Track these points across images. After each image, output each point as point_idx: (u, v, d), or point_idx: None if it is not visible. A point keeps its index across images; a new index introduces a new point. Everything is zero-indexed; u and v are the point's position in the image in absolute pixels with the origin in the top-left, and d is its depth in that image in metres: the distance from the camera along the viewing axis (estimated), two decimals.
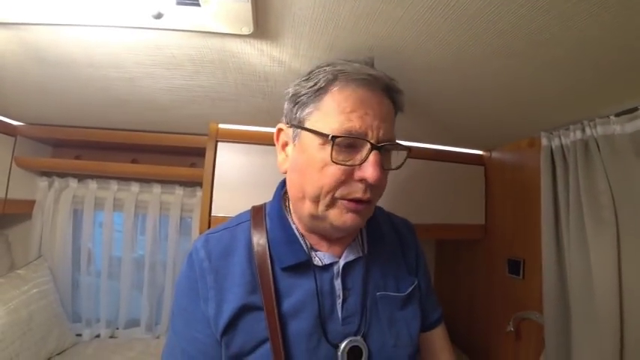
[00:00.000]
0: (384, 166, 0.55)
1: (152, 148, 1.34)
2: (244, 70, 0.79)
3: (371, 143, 0.52)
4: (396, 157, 0.60)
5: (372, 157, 0.52)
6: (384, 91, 0.57)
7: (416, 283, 0.69)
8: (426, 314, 0.72)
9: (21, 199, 1.23)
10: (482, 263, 1.34)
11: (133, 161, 1.35)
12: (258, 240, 0.60)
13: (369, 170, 0.52)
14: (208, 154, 1.12)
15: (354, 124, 0.52)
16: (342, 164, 0.52)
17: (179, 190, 1.37)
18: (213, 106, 1.02)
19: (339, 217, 0.55)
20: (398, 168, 0.59)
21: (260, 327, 0.54)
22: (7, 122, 1.16)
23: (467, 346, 1.35)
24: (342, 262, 0.61)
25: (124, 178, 1.35)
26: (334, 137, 0.51)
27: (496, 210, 1.29)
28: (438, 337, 0.76)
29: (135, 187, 1.34)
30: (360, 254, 0.64)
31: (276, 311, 0.54)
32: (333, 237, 0.62)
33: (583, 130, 0.92)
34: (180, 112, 1.07)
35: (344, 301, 0.60)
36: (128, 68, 0.81)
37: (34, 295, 1.09)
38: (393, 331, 0.62)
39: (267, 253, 0.59)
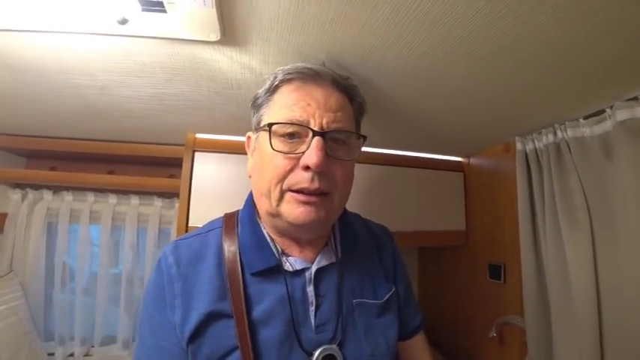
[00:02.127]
0: (336, 156, 0.55)
1: (130, 159, 1.32)
2: (216, 78, 0.78)
3: (313, 130, 0.53)
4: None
5: (313, 142, 0.52)
6: (334, 85, 0.59)
7: (393, 290, 0.68)
8: (406, 322, 0.71)
9: None
10: (463, 269, 1.34)
11: (110, 172, 1.33)
12: (229, 246, 0.59)
13: (310, 155, 0.52)
14: (185, 164, 1.11)
15: (295, 113, 0.54)
16: (282, 152, 0.53)
17: (157, 202, 1.34)
18: (188, 115, 1.01)
19: (291, 211, 0.54)
20: (354, 158, 0.59)
21: (229, 334, 0.53)
22: None
23: (451, 353, 1.33)
24: (314, 268, 0.60)
25: (101, 190, 1.32)
26: (270, 124, 0.53)
27: (476, 216, 1.30)
28: (418, 344, 0.75)
29: (112, 199, 1.31)
30: (334, 260, 0.63)
31: (245, 318, 0.53)
32: (302, 239, 0.61)
33: (555, 134, 0.94)
34: (156, 121, 1.06)
35: (317, 308, 0.59)
36: (99, 76, 0.80)
37: (3, 312, 1.04)
38: (370, 340, 0.60)
39: (238, 259, 0.58)
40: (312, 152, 0.52)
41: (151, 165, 1.37)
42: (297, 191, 0.53)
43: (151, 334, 0.56)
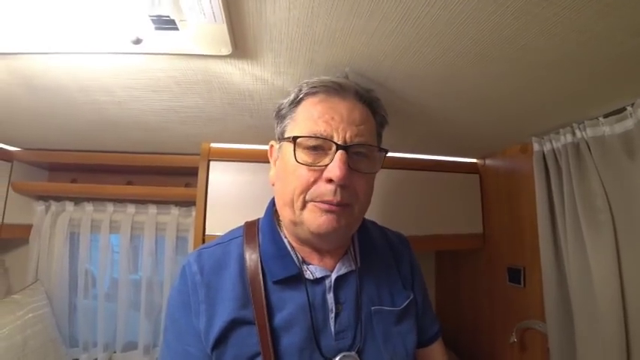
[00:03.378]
0: (358, 169, 0.56)
1: (147, 170, 1.36)
2: (229, 89, 0.80)
3: (336, 144, 0.54)
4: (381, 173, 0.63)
5: (337, 156, 0.53)
6: (357, 98, 0.60)
7: (412, 297, 0.68)
8: (424, 329, 0.71)
9: (18, 224, 1.25)
10: (482, 273, 1.31)
11: (129, 183, 1.37)
12: (251, 255, 0.61)
13: (334, 169, 0.53)
14: (201, 174, 1.13)
15: (319, 127, 0.55)
16: (306, 165, 0.54)
17: (175, 210, 1.37)
18: (202, 126, 1.03)
19: (314, 220, 0.55)
20: (376, 171, 0.61)
21: (251, 341, 0.54)
22: (3, 148, 1.19)
23: (471, 358, 1.31)
24: (334, 276, 0.61)
25: (120, 200, 1.36)
26: (295, 137, 0.55)
27: (493, 218, 1.27)
28: (437, 352, 0.75)
29: (131, 209, 1.35)
30: (353, 267, 0.64)
31: (267, 325, 0.54)
32: (322, 248, 0.62)
33: (573, 133, 0.92)
34: (172, 132, 1.09)
35: (337, 315, 0.59)
36: (116, 92, 0.82)
37: (30, 319, 1.09)
38: (389, 347, 0.61)
39: (259, 267, 0.59)
40: (335, 166, 0.53)
41: (167, 175, 1.40)
42: (320, 202, 0.55)
43: (177, 339, 0.58)
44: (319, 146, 0.55)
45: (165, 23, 0.58)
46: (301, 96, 0.60)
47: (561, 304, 0.94)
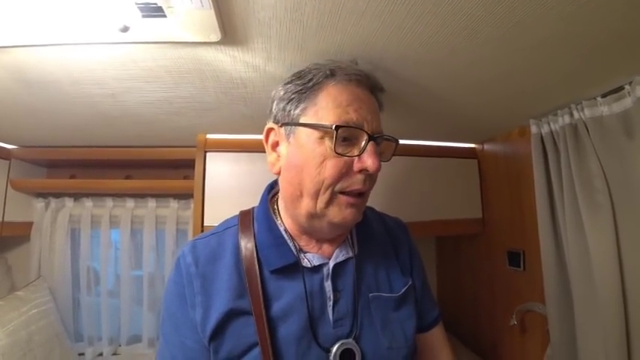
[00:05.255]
0: (381, 159, 0.56)
1: (145, 164, 1.36)
2: (221, 78, 0.79)
3: (368, 134, 0.54)
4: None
5: (370, 147, 0.53)
6: (370, 89, 0.60)
7: (410, 283, 0.68)
8: (423, 315, 0.71)
9: (18, 222, 1.25)
10: (482, 257, 1.31)
11: (127, 177, 1.37)
12: (246, 244, 0.60)
13: (369, 160, 0.53)
14: (198, 165, 1.13)
15: (352, 116, 0.54)
16: (343, 156, 0.53)
17: (174, 203, 1.38)
18: (197, 117, 1.03)
19: (339, 213, 0.55)
20: (389, 160, 0.62)
21: (249, 331, 0.54)
22: (0, 146, 1.19)
23: (473, 342, 1.32)
24: (331, 263, 0.61)
25: (119, 195, 1.37)
26: (337, 127, 0.52)
27: (492, 202, 1.27)
28: (437, 337, 0.74)
29: (130, 203, 1.35)
30: (351, 254, 0.63)
31: (264, 315, 0.54)
32: (326, 237, 0.62)
33: (571, 114, 0.91)
34: (167, 124, 1.08)
35: (335, 303, 0.59)
36: (108, 84, 0.82)
37: (34, 315, 1.10)
38: (387, 333, 0.60)
39: (255, 256, 0.58)
40: (370, 157, 0.53)
41: (165, 168, 1.40)
42: (348, 193, 0.55)
43: (174, 331, 0.58)
44: (349, 136, 0.54)
45: (153, 10, 0.57)
46: (323, 79, 0.57)
47: (561, 286, 0.94)
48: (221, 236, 0.63)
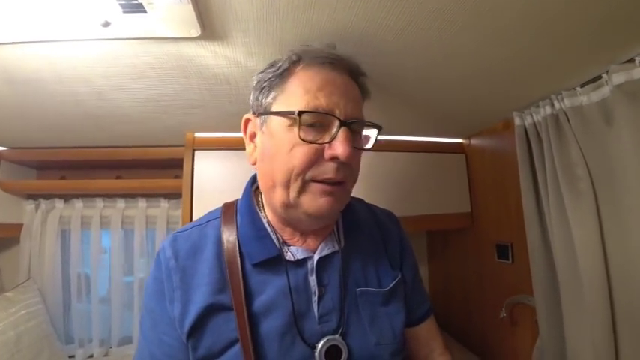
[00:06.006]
0: (357, 146, 0.54)
1: (136, 164, 1.36)
2: (204, 74, 0.80)
3: (339, 120, 0.51)
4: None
5: (341, 133, 0.51)
6: (349, 73, 0.57)
7: (399, 277, 0.65)
8: (413, 308, 0.69)
9: (8, 223, 1.25)
10: (471, 251, 1.32)
11: (118, 178, 1.37)
12: (228, 237, 0.58)
13: (339, 147, 0.50)
14: (186, 164, 1.14)
15: (321, 101, 0.51)
16: (310, 142, 0.51)
17: (164, 203, 1.38)
18: (184, 115, 1.04)
19: (313, 202, 0.52)
20: (371, 148, 0.59)
21: (229, 327, 0.52)
22: None
23: (463, 335, 1.32)
24: (316, 257, 0.58)
25: (110, 195, 1.37)
26: (300, 112, 0.50)
27: (480, 196, 1.28)
28: (428, 330, 0.72)
29: (121, 204, 1.36)
30: (337, 248, 0.61)
31: (245, 310, 0.52)
32: (308, 229, 0.60)
33: (552, 105, 0.92)
34: (155, 123, 1.09)
35: (320, 298, 0.57)
36: (94, 82, 0.82)
37: (23, 316, 1.10)
38: (375, 329, 0.59)
39: (237, 249, 0.56)
40: (341, 143, 0.50)
41: (156, 168, 1.40)
42: (321, 182, 0.52)
43: (152, 327, 0.56)
44: (319, 122, 0.52)
45: (134, 7, 0.58)
46: (295, 66, 0.55)
47: (548, 276, 0.94)
48: (203, 229, 0.61)
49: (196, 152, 1.15)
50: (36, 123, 1.06)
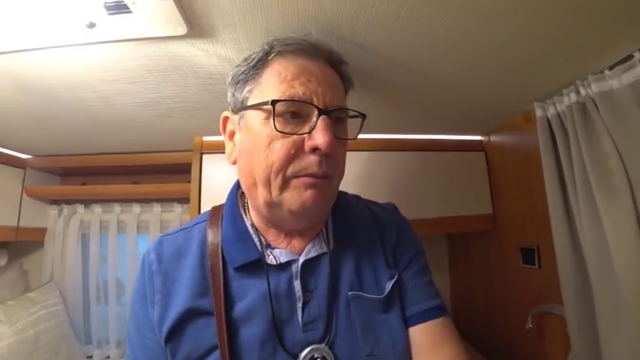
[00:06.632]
0: (339, 135, 0.51)
1: (151, 169, 1.40)
2: (199, 74, 0.80)
3: (318, 108, 0.49)
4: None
5: (320, 122, 0.48)
6: (328, 62, 0.55)
7: (396, 277, 0.58)
8: (410, 304, 0.57)
9: (33, 227, 1.32)
10: (494, 255, 1.22)
11: (134, 183, 1.41)
12: (212, 240, 0.56)
13: (319, 136, 0.47)
14: (194, 168, 1.14)
15: (297, 90, 0.49)
16: (288, 134, 0.48)
17: (177, 208, 1.40)
18: (190, 118, 1.04)
19: (297, 197, 0.49)
20: (355, 137, 0.56)
21: (209, 333, 0.50)
22: (16, 156, 1.28)
23: (487, 348, 1.22)
24: (301, 260, 0.55)
25: (126, 200, 1.42)
26: (274, 102, 0.48)
27: (502, 197, 1.18)
28: (430, 334, 0.57)
29: (136, 208, 1.40)
30: (325, 250, 0.57)
31: (223, 315, 0.50)
32: (294, 229, 0.56)
33: (577, 92, 0.83)
34: (163, 127, 1.11)
35: (305, 304, 0.53)
36: (98, 87, 0.85)
37: (43, 316, 1.15)
38: (369, 337, 0.53)
39: (220, 253, 0.54)
40: (320, 133, 0.47)
41: (171, 173, 1.43)
42: (304, 176, 0.49)
43: (137, 332, 0.55)
44: (297, 112, 0.49)
45: (119, 7, 0.59)
46: (265, 57, 0.53)
47: (579, 283, 0.84)
48: (189, 232, 0.59)
49: (204, 156, 1.15)
50: (53, 131, 1.11)
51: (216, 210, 0.63)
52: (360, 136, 1.31)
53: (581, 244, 0.84)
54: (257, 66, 0.53)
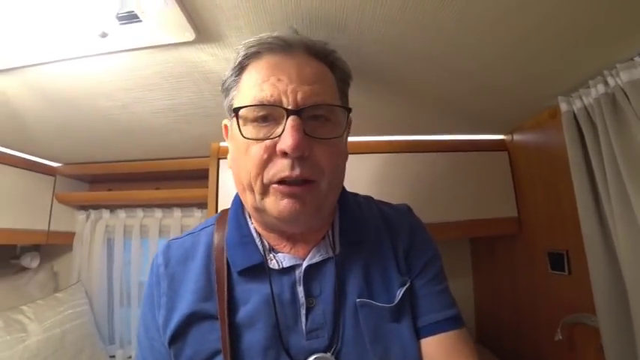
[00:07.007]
0: (317, 135, 0.48)
1: (173, 175, 1.44)
2: (211, 79, 0.81)
3: (286, 109, 0.47)
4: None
5: (289, 122, 0.46)
6: (308, 54, 0.52)
7: (408, 284, 0.55)
8: (421, 314, 0.55)
9: (62, 231, 1.40)
10: (520, 261, 1.15)
11: (157, 189, 1.46)
12: (218, 243, 0.56)
13: (286, 138, 0.45)
14: (211, 174, 1.16)
15: (266, 93, 0.47)
16: (259, 139, 0.47)
17: (197, 213, 1.44)
18: (206, 124, 1.06)
19: (275, 205, 0.48)
20: (341, 135, 0.51)
21: (212, 337, 0.50)
22: (47, 164, 1.36)
23: (514, 359, 1.14)
24: (304, 265, 0.53)
25: (149, 205, 1.47)
26: (236, 109, 0.48)
27: (528, 198, 1.12)
28: (443, 347, 0.53)
29: (158, 213, 1.45)
30: (330, 255, 0.54)
31: (226, 320, 0.49)
32: (294, 233, 0.55)
33: (605, 83, 0.78)
34: (181, 134, 1.14)
35: (309, 310, 0.51)
36: (117, 96, 0.88)
37: (69, 315, 1.20)
38: (379, 347, 0.50)
39: (225, 256, 0.54)
40: (287, 134, 0.45)
41: (191, 179, 1.46)
42: (280, 182, 0.47)
43: (145, 333, 0.56)
44: (269, 116, 0.48)
45: (130, 17, 0.61)
46: (244, 60, 0.52)
47: (613, 290, 0.77)
48: (197, 236, 0.60)
49: (222, 161, 1.17)
50: (79, 139, 1.17)
51: (223, 214, 0.63)
52: (378, 137, 1.28)
53: (614, 248, 0.77)
54: (237, 71, 0.53)
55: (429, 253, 0.59)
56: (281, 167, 0.47)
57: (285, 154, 0.46)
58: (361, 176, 1.12)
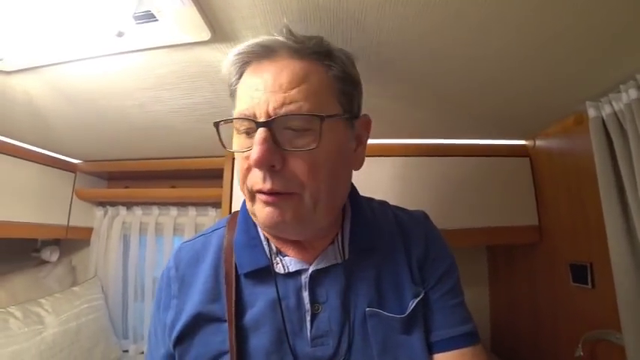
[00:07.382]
0: (292, 146, 0.45)
1: (189, 174, 1.46)
2: (226, 79, 0.81)
3: (255, 122, 0.45)
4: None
5: (256, 135, 0.44)
6: (291, 54, 0.48)
7: (422, 295, 0.53)
8: (435, 328, 0.53)
9: (81, 227, 1.44)
10: (541, 272, 1.11)
11: (172, 187, 1.49)
12: (227, 245, 0.56)
13: (252, 152, 0.44)
14: (226, 173, 1.17)
15: (244, 106, 0.47)
16: (239, 151, 0.49)
17: (212, 212, 1.45)
18: (222, 124, 1.07)
19: (260, 212, 0.48)
20: (313, 148, 0.45)
21: (218, 339, 0.50)
22: (67, 161, 1.40)
23: None
24: (310, 270, 0.52)
25: (164, 204, 1.49)
26: (215, 123, 0.50)
27: (550, 206, 1.07)
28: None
29: (173, 211, 1.47)
30: (338, 260, 0.53)
31: (233, 322, 0.49)
32: (298, 239, 0.54)
33: (638, 87, 0.73)
34: (198, 133, 1.15)
35: (313, 316, 0.50)
36: (134, 95, 0.89)
37: (85, 309, 1.23)
38: (387, 359, 0.49)
39: (233, 259, 0.54)
40: (254, 147, 0.44)
41: (206, 178, 1.48)
42: (259, 192, 0.47)
43: (154, 333, 0.57)
44: (249, 128, 0.47)
45: (147, 17, 0.61)
46: (239, 70, 0.52)
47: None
48: (208, 238, 0.60)
49: (236, 161, 1.17)
50: (98, 138, 1.20)
51: (234, 215, 0.62)
52: (394, 140, 1.25)
53: None
54: (234, 81, 0.54)
55: (445, 264, 0.57)
56: (255, 178, 0.47)
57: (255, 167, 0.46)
58: (380, 179, 1.11)
